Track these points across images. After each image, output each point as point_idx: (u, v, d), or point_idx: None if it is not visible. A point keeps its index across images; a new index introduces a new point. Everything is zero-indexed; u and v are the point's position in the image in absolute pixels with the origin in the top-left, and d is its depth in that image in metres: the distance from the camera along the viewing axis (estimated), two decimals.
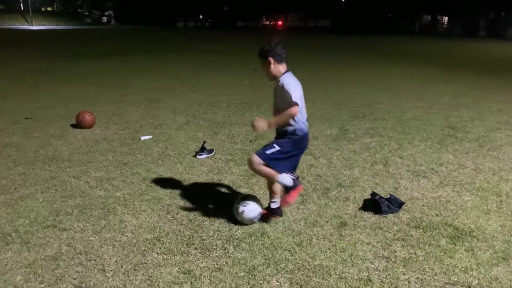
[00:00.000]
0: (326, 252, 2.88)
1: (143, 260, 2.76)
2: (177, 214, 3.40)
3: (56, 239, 3.01)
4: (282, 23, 67.00)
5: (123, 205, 3.56)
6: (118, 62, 14.85)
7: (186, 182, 4.11)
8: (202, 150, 4.84)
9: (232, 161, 4.68)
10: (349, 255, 2.84)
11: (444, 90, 9.68)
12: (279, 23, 67.59)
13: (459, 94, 9.23)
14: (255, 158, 3.04)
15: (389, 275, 2.64)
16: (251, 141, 5.40)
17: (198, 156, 4.78)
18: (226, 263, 2.74)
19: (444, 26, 54.19)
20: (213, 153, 4.90)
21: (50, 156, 4.79)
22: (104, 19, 73.08)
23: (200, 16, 70.42)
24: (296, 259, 2.80)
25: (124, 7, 68.59)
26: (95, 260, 2.76)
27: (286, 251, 2.88)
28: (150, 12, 63.61)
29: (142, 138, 5.51)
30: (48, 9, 78.48)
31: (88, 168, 4.42)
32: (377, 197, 3.52)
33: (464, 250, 2.92)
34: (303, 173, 4.32)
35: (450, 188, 4.02)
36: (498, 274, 2.66)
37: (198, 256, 2.82)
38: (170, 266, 2.70)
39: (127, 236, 3.06)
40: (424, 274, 2.66)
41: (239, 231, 3.12)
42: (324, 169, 4.47)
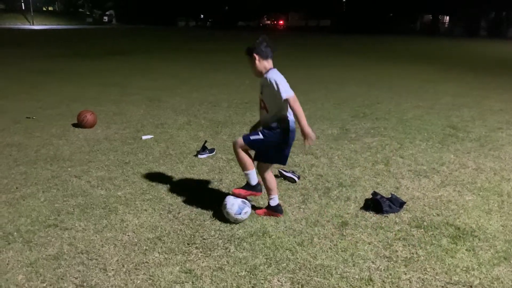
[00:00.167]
0: (327, 251, 2.88)
1: (144, 260, 2.76)
2: (178, 213, 3.40)
3: (58, 238, 3.01)
4: (283, 23, 66.99)
5: (124, 204, 3.56)
6: (119, 61, 14.87)
7: (187, 181, 4.12)
8: (203, 149, 4.84)
9: (233, 160, 4.68)
10: (350, 255, 2.84)
11: (445, 90, 9.67)
12: (280, 22, 67.60)
13: (460, 93, 9.21)
14: (239, 140, 3.13)
15: (390, 274, 2.63)
16: None
17: (199, 156, 4.78)
18: (228, 262, 2.74)
19: (445, 26, 54.13)
20: (214, 152, 4.91)
21: (52, 155, 4.79)
22: (105, 18, 73.18)
23: (201, 15, 70.46)
24: (297, 258, 2.80)
25: (125, 7, 68.64)
26: (96, 259, 2.76)
27: (288, 251, 2.88)
28: (151, 12, 63.70)
29: (143, 137, 5.52)
30: (49, 8, 78.57)
31: (89, 167, 4.42)
32: (378, 196, 3.52)
33: (466, 250, 2.92)
34: (304, 172, 4.32)
35: (452, 187, 4.01)
36: (500, 274, 2.66)
37: (200, 256, 2.82)
38: (172, 266, 2.70)
39: (128, 235, 3.07)
40: (426, 273, 2.66)
41: (240, 231, 3.12)
42: (325, 168, 4.47)
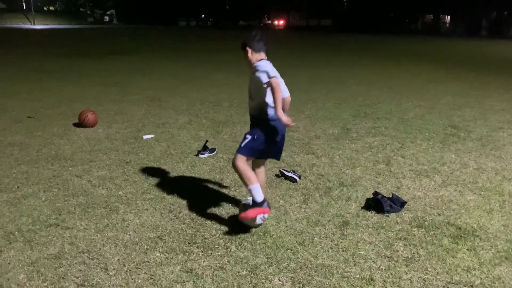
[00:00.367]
0: (328, 251, 2.88)
1: (145, 259, 2.77)
2: (179, 213, 3.40)
3: (59, 237, 3.02)
4: (284, 23, 66.99)
5: (125, 204, 3.56)
6: (120, 61, 14.88)
7: (188, 181, 4.12)
8: (204, 149, 4.84)
9: None
10: (351, 254, 2.84)
11: (446, 89, 9.66)
12: (281, 22, 67.60)
13: (461, 93, 9.20)
14: (237, 156, 3.02)
15: (391, 274, 2.63)
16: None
17: (200, 155, 4.78)
18: (229, 262, 2.74)
19: (447, 26, 54.08)
20: (215, 152, 4.91)
21: (53, 155, 4.80)
22: (106, 18, 73.21)
23: (202, 15, 70.48)
24: (298, 258, 2.80)
25: (126, 7, 68.69)
26: (97, 258, 2.76)
27: (288, 250, 2.88)
28: (152, 12, 63.72)
29: (145, 137, 5.52)
30: (50, 8, 78.66)
31: (90, 167, 4.43)
32: (379, 196, 3.52)
33: (467, 250, 2.92)
34: (305, 172, 4.32)
35: (453, 187, 4.01)
36: (501, 274, 2.66)
37: (201, 255, 2.82)
38: (173, 265, 2.70)
39: (129, 234, 3.07)
40: (427, 273, 2.65)
41: (241, 230, 3.12)
42: (326, 168, 4.47)
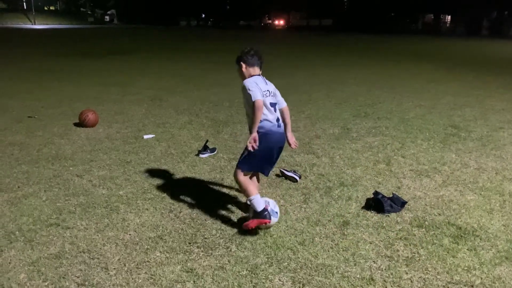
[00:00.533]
0: (328, 251, 2.88)
1: (146, 259, 2.77)
2: (179, 212, 3.40)
3: (59, 237, 3.02)
4: (285, 22, 66.99)
5: (126, 203, 3.57)
6: (120, 61, 14.88)
7: (188, 181, 4.12)
8: (205, 149, 4.84)
9: (234, 160, 4.68)
10: (351, 254, 2.84)
11: (447, 89, 9.65)
12: (282, 22, 67.59)
13: (462, 93, 9.20)
14: (236, 171, 3.15)
15: (391, 274, 2.63)
16: None
17: (201, 155, 4.78)
18: (229, 261, 2.75)
19: (447, 25, 54.04)
20: (215, 152, 4.91)
21: (53, 154, 4.80)
22: (107, 18, 73.26)
23: (203, 15, 70.49)
24: (298, 258, 2.80)
25: (126, 7, 68.72)
26: (98, 258, 2.77)
27: (289, 250, 2.88)
28: (152, 11, 63.72)
29: (145, 137, 5.52)
30: (51, 8, 78.72)
31: (91, 166, 4.43)
32: (379, 196, 3.52)
33: (467, 250, 2.92)
34: (305, 172, 4.32)
35: (453, 187, 4.01)
36: (501, 274, 2.65)
37: (201, 255, 2.82)
38: (173, 265, 2.71)
39: (130, 234, 3.07)
40: (427, 273, 2.65)
41: (241, 230, 3.12)
42: (326, 168, 4.47)
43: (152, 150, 5.01)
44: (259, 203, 3.06)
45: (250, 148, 2.98)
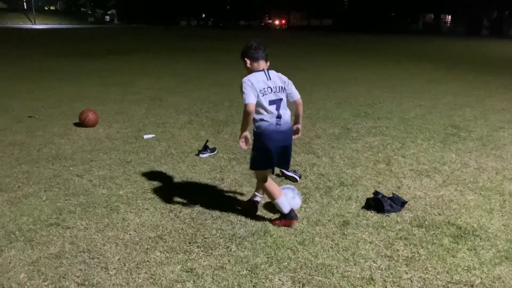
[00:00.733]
0: (328, 250, 2.88)
1: (146, 258, 2.77)
2: (179, 212, 3.40)
3: (59, 237, 3.02)
4: (285, 22, 66.99)
5: (126, 203, 3.57)
6: (120, 61, 14.89)
7: (188, 180, 4.12)
8: (205, 148, 4.84)
9: (234, 159, 4.69)
10: (351, 254, 2.84)
11: (447, 89, 9.65)
12: (282, 22, 67.59)
13: (462, 93, 9.20)
14: (254, 173, 3.22)
15: (391, 274, 2.63)
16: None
17: (201, 155, 4.78)
18: (229, 261, 2.75)
19: (447, 25, 54.02)
20: (215, 151, 4.91)
21: (54, 154, 4.80)
22: (107, 18, 73.31)
23: (203, 15, 70.50)
24: (298, 257, 2.80)
25: (126, 6, 68.75)
26: (98, 258, 2.77)
27: (289, 250, 2.88)
28: (152, 11, 63.74)
29: (145, 137, 5.52)
30: (51, 8, 78.75)
31: (91, 166, 4.43)
32: (379, 196, 3.52)
33: (467, 249, 2.91)
34: (305, 171, 4.32)
35: (453, 187, 4.01)
36: (501, 273, 2.65)
37: (201, 255, 2.82)
38: (173, 265, 2.71)
39: (130, 234, 3.07)
40: (427, 273, 2.65)
41: (241, 230, 3.12)
42: (326, 168, 4.47)
43: (152, 150, 5.01)
44: (285, 205, 3.14)
45: (241, 145, 3.03)
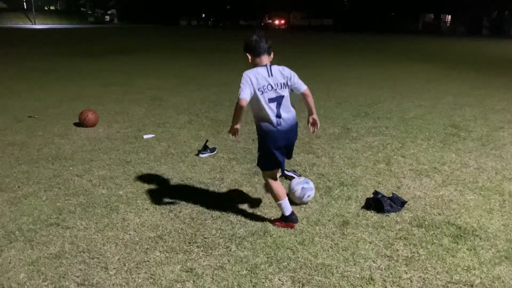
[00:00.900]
0: (328, 250, 2.89)
1: (145, 258, 2.77)
2: (179, 212, 3.40)
3: (59, 237, 3.02)
4: (285, 22, 66.96)
5: (125, 203, 3.57)
6: (120, 61, 14.89)
7: (188, 180, 4.12)
8: (205, 148, 4.84)
9: (234, 159, 4.69)
10: (351, 254, 2.84)
11: (447, 89, 9.65)
12: (283, 21, 67.55)
13: (462, 93, 9.19)
14: (262, 173, 3.26)
15: (391, 274, 2.63)
16: (253, 140, 5.40)
17: (201, 155, 4.79)
18: (229, 261, 2.75)
19: (447, 25, 53.99)
20: (215, 151, 4.91)
21: (53, 154, 4.81)
22: (107, 18, 73.33)
23: (203, 14, 70.50)
24: (298, 257, 2.80)
25: (126, 6, 68.77)
26: (98, 258, 2.77)
27: (288, 250, 2.88)
28: (152, 11, 63.75)
29: (145, 136, 5.53)
30: (51, 7, 78.76)
31: (91, 166, 4.43)
32: (379, 196, 3.52)
33: (467, 249, 2.92)
34: (305, 171, 4.33)
35: (453, 187, 4.01)
36: (501, 273, 2.66)
37: (201, 255, 2.82)
38: (173, 264, 2.71)
39: (129, 234, 3.07)
40: (427, 273, 2.65)
41: (241, 230, 3.12)
42: (326, 167, 4.47)
43: (152, 150, 5.01)
44: (287, 207, 3.14)
45: (230, 136, 3.16)
